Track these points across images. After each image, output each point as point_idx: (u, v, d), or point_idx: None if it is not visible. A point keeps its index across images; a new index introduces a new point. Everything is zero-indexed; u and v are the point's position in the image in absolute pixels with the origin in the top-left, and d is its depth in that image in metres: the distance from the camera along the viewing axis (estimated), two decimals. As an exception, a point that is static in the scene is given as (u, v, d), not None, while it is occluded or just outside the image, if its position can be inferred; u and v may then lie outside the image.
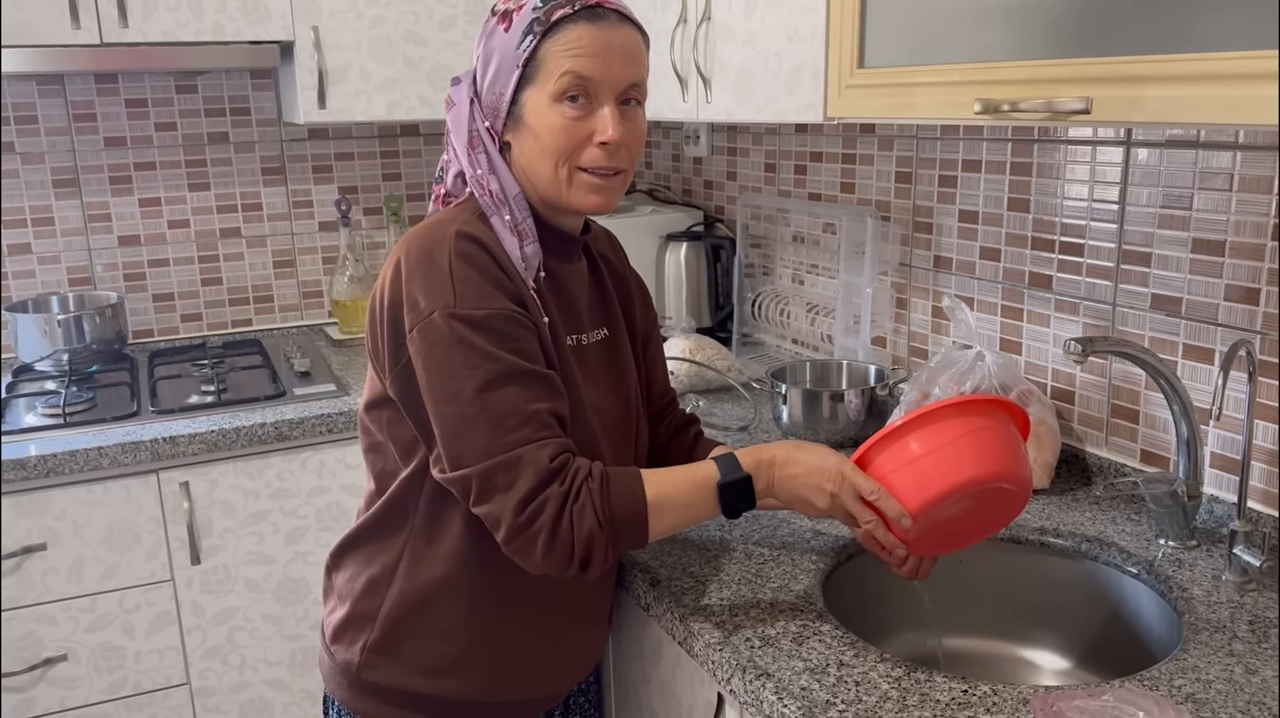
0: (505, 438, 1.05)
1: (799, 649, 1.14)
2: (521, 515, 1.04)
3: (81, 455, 1.87)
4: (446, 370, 1.06)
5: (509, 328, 1.08)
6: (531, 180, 1.16)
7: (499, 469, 1.05)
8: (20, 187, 2.39)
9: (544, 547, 1.05)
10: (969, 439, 1.10)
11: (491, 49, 1.13)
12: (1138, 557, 1.34)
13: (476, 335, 1.06)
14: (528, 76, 1.11)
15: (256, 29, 2.17)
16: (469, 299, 1.07)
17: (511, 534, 1.06)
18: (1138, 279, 1.49)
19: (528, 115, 1.12)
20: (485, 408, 1.05)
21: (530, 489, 1.04)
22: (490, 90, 1.14)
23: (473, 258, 1.08)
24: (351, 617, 1.23)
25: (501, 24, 1.12)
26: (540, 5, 1.10)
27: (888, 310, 1.98)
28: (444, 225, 1.11)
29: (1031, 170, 1.63)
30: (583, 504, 1.06)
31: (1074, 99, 1.06)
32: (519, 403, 1.06)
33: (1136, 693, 0.99)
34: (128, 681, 2.00)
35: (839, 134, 2.06)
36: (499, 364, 1.06)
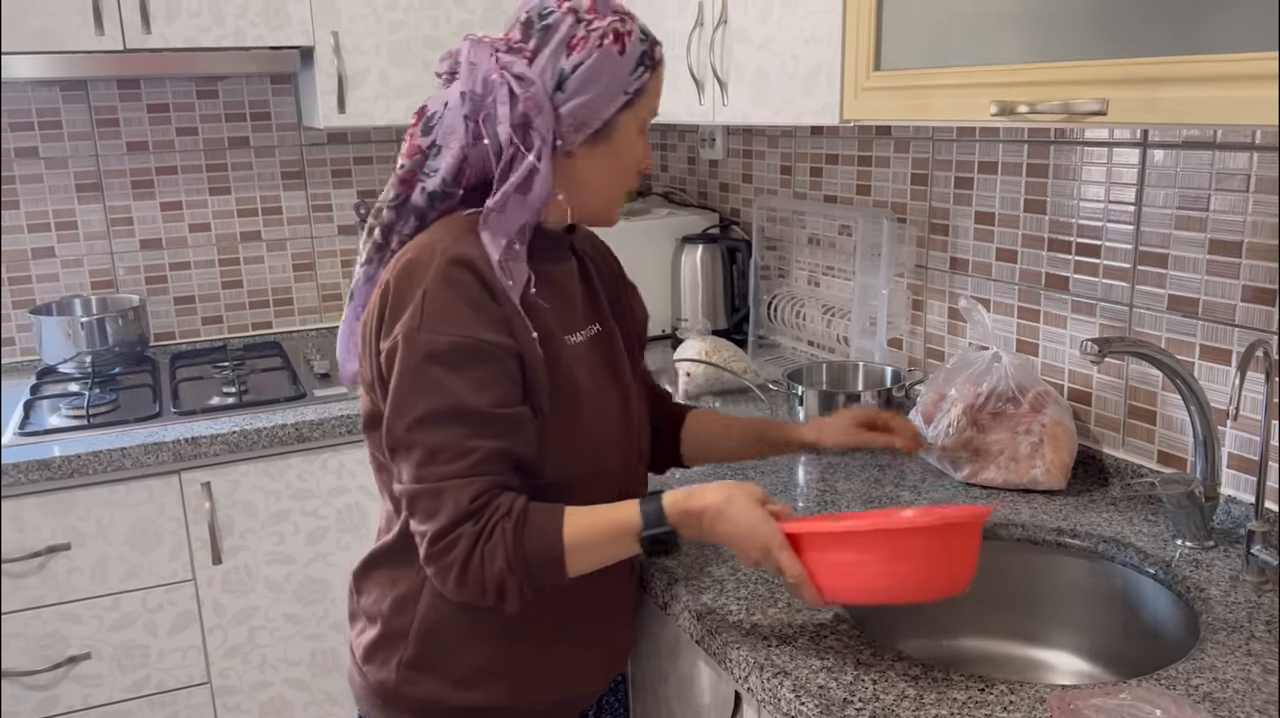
0: (434, 469, 1.08)
1: (816, 648, 1.15)
2: (437, 545, 1.08)
3: (105, 456, 1.90)
4: (399, 393, 1.09)
5: (469, 359, 1.08)
6: (587, 196, 1.19)
7: (422, 496, 1.08)
8: (44, 191, 2.42)
9: (455, 580, 1.08)
10: (891, 566, 1.07)
11: (601, 67, 1.11)
12: (1155, 557, 1.34)
13: (431, 365, 1.07)
14: (630, 103, 1.15)
15: (277, 34, 2.19)
16: (434, 324, 1.08)
17: (426, 560, 1.09)
18: (1154, 280, 1.49)
19: (618, 138, 1.16)
20: (421, 436, 1.08)
21: (445, 525, 1.07)
22: (586, 105, 1.12)
23: (454, 281, 1.09)
24: (383, 636, 1.23)
25: (616, 45, 1.12)
26: (644, 38, 1.15)
27: (904, 312, 1.99)
28: (433, 246, 1.12)
29: (1048, 172, 1.64)
30: (494, 544, 1.06)
31: (1090, 100, 1.07)
32: (456, 439, 1.07)
33: (1154, 692, 1.00)
34: (150, 679, 2.02)
35: (855, 136, 2.06)
36: (446, 399, 1.07)
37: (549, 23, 1.12)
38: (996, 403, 1.56)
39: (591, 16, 1.12)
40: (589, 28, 1.11)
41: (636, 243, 2.45)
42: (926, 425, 1.60)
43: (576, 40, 1.11)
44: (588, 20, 1.12)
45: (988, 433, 1.56)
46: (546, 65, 1.12)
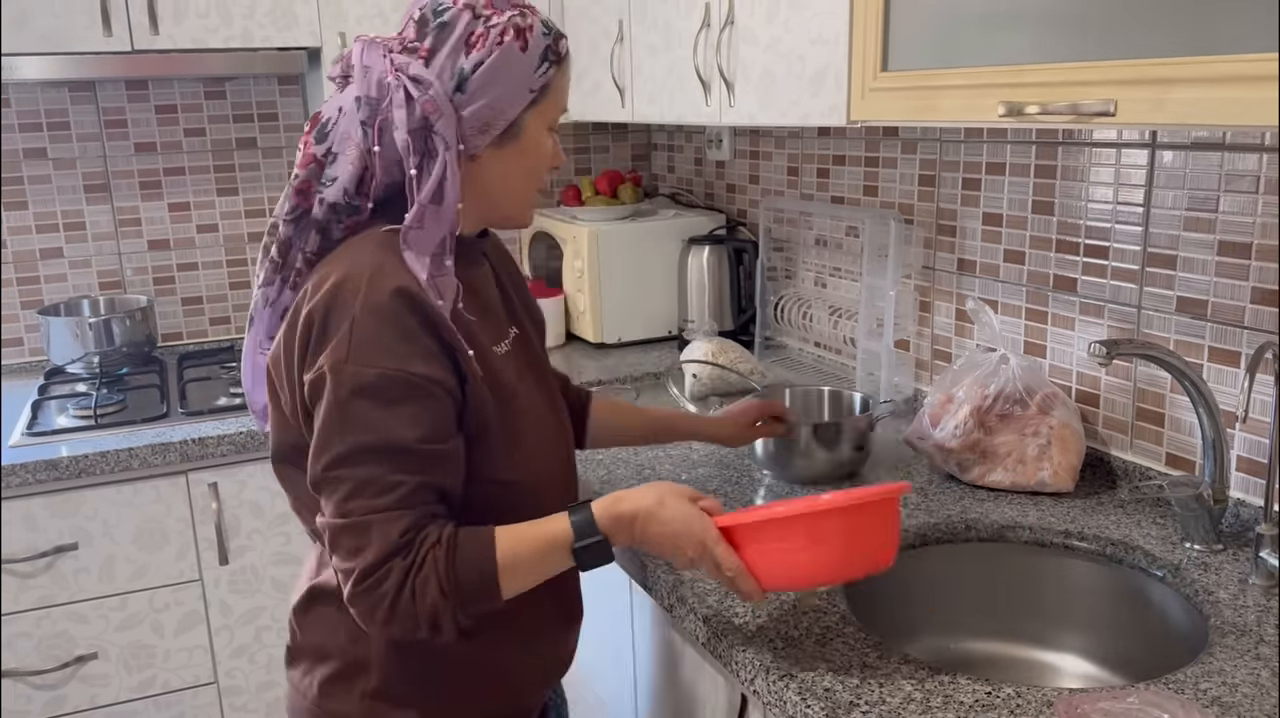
0: (359, 503, 1.02)
1: (822, 651, 1.14)
2: (363, 584, 1.02)
3: (112, 457, 1.90)
4: (325, 428, 1.03)
5: (399, 393, 1.02)
6: (498, 199, 1.14)
7: (346, 532, 1.02)
8: (52, 191, 2.43)
9: (384, 616, 1.03)
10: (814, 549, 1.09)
11: (503, 65, 1.06)
12: (1163, 560, 1.33)
13: (358, 399, 1.02)
14: (536, 101, 1.10)
15: (284, 35, 2.20)
16: (362, 356, 1.02)
17: (351, 599, 1.03)
18: (1163, 282, 1.48)
19: (526, 138, 1.12)
20: (346, 472, 1.02)
21: (373, 561, 1.01)
22: (489, 105, 1.07)
23: (384, 311, 1.03)
24: (340, 670, 1.17)
25: (517, 41, 1.07)
26: (546, 32, 1.10)
27: (911, 314, 1.98)
28: (358, 271, 1.05)
29: (1056, 173, 1.63)
30: (425, 576, 1.02)
31: (1099, 101, 1.06)
32: (382, 474, 1.02)
33: (1162, 696, 0.99)
34: (157, 679, 2.03)
35: (862, 137, 2.06)
36: (372, 435, 1.02)
37: (445, 20, 1.07)
38: (1004, 405, 1.55)
39: (489, 12, 1.07)
40: (488, 24, 1.06)
41: (643, 244, 2.45)
42: (934, 427, 1.59)
43: (475, 38, 1.06)
44: (486, 16, 1.07)
45: (995, 435, 1.55)
46: (445, 66, 1.06)
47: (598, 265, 2.40)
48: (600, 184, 2.59)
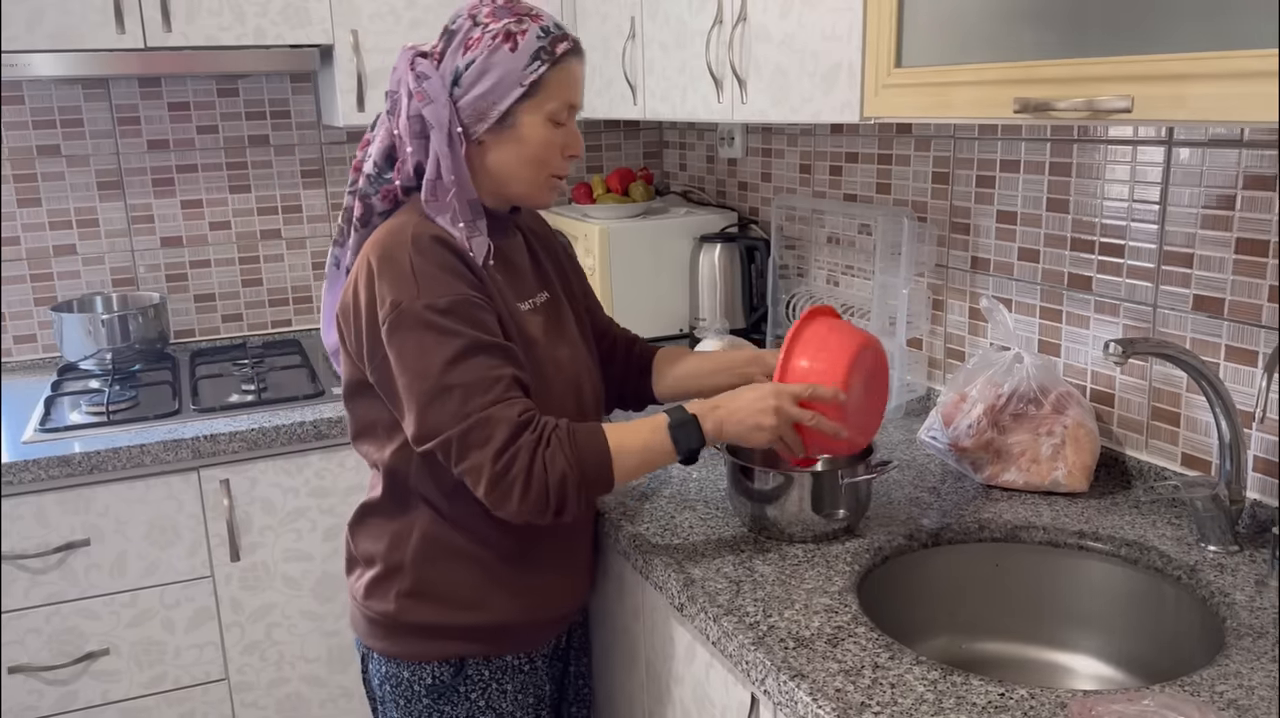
0: (476, 401, 1.19)
1: (833, 651, 1.14)
2: (498, 464, 1.18)
3: (124, 453, 1.90)
4: (418, 352, 1.20)
5: (469, 310, 1.22)
6: (503, 179, 1.32)
7: (474, 428, 1.18)
8: (66, 188, 2.43)
9: (520, 492, 1.19)
10: (831, 332, 1.37)
11: (491, 63, 1.26)
12: (1179, 561, 1.32)
13: (441, 318, 1.20)
14: (528, 95, 1.27)
15: (297, 33, 2.20)
16: (431, 289, 1.21)
17: (491, 484, 1.19)
18: (1179, 280, 1.47)
19: (522, 128, 1.29)
20: (456, 378, 1.19)
21: (505, 441, 1.18)
22: (481, 98, 1.27)
23: (430, 253, 1.23)
24: (382, 573, 1.37)
25: (506, 43, 1.26)
26: (543, 35, 1.27)
27: (924, 312, 1.97)
28: (401, 229, 1.26)
29: (1071, 170, 1.62)
30: (553, 450, 1.19)
31: (1115, 98, 1.05)
32: (485, 371, 1.20)
33: (1178, 698, 0.98)
34: (168, 675, 2.03)
35: (875, 134, 2.05)
36: (464, 339, 1.20)
37: (454, 28, 1.29)
38: (1018, 404, 1.54)
39: (488, 20, 1.27)
40: (485, 29, 1.27)
41: (654, 242, 2.44)
42: (947, 426, 1.58)
43: (472, 41, 1.27)
44: (485, 24, 1.27)
45: (1009, 434, 1.54)
46: (447, 64, 1.28)
47: (609, 263, 2.40)
48: (611, 182, 2.59)
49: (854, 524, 1.42)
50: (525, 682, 1.42)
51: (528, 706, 1.43)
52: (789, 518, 1.38)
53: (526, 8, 1.30)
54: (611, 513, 1.52)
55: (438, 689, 1.38)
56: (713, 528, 1.46)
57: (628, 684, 1.60)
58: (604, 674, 1.69)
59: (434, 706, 1.38)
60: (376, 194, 1.34)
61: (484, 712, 1.40)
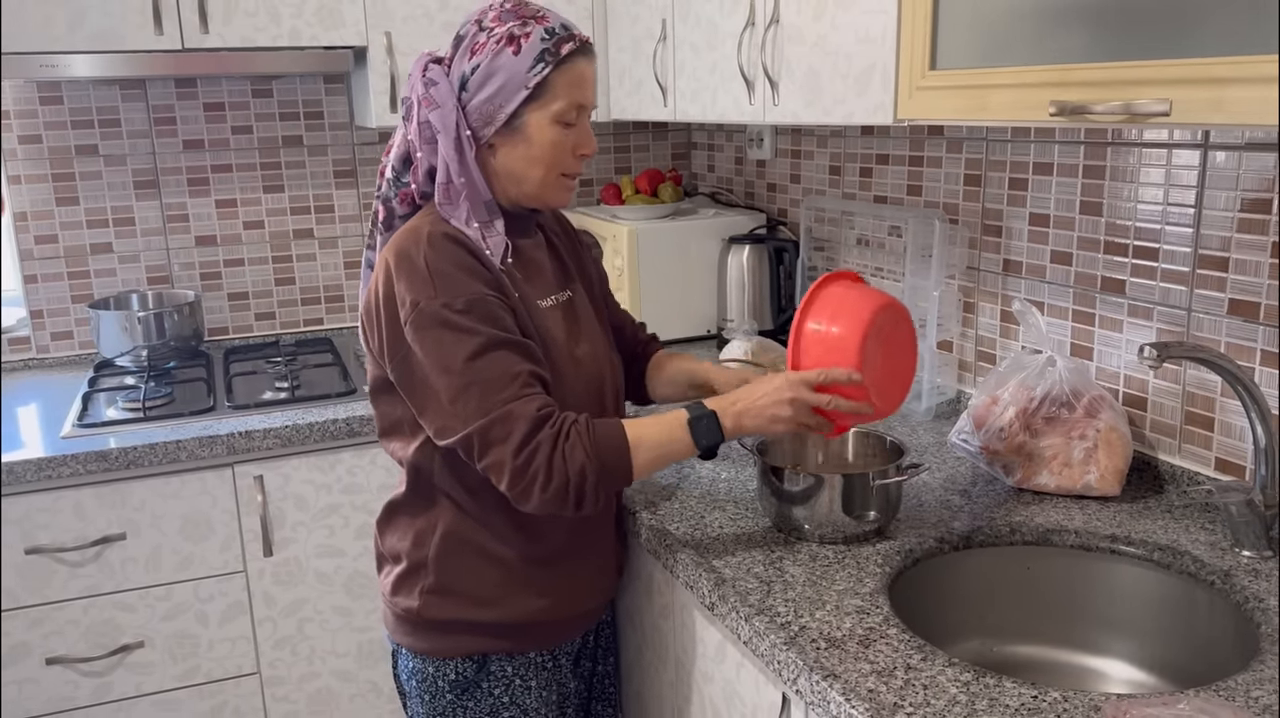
0: (496, 397, 1.22)
1: (865, 652, 1.14)
2: (519, 458, 1.21)
3: (160, 449, 1.93)
4: (439, 350, 1.23)
5: (486, 308, 1.25)
6: (514, 181, 1.34)
7: (494, 424, 1.21)
8: (103, 188, 2.47)
9: (541, 485, 1.21)
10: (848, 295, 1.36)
11: (496, 67, 1.28)
12: (1212, 567, 1.31)
13: (459, 317, 1.23)
14: (534, 97, 1.29)
15: (331, 35, 2.22)
16: (447, 288, 1.24)
17: (513, 478, 1.22)
18: (1214, 284, 1.46)
19: (529, 129, 1.31)
20: (476, 374, 1.22)
21: (525, 435, 1.21)
22: (488, 102, 1.29)
23: (445, 252, 1.26)
24: (407, 570, 1.40)
25: (510, 47, 1.28)
26: (547, 37, 1.28)
27: (955, 314, 1.96)
28: (417, 230, 1.30)
29: (1104, 173, 1.61)
30: (572, 443, 1.22)
31: (1153, 101, 1.05)
32: (504, 367, 1.23)
33: (1214, 703, 0.98)
34: (200, 668, 2.06)
35: (906, 136, 2.04)
36: (482, 337, 1.23)
37: (460, 34, 1.32)
38: (1050, 407, 1.54)
39: (493, 24, 1.29)
40: (489, 34, 1.29)
41: (682, 242, 2.44)
42: (978, 429, 1.58)
43: (477, 46, 1.29)
44: (490, 28, 1.29)
45: (1041, 438, 1.54)
46: (455, 69, 1.31)
47: (637, 264, 2.41)
48: (640, 183, 2.59)
49: (885, 526, 1.43)
50: (549, 679, 1.44)
51: (551, 702, 1.46)
52: (819, 519, 1.39)
53: (533, 10, 1.31)
54: (641, 512, 1.52)
55: (461, 685, 1.40)
56: (742, 528, 1.46)
57: (656, 683, 1.61)
58: (632, 672, 1.70)
59: (458, 701, 1.41)
60: (395, 197, 1.38)
61: (507, 708, 1.42)
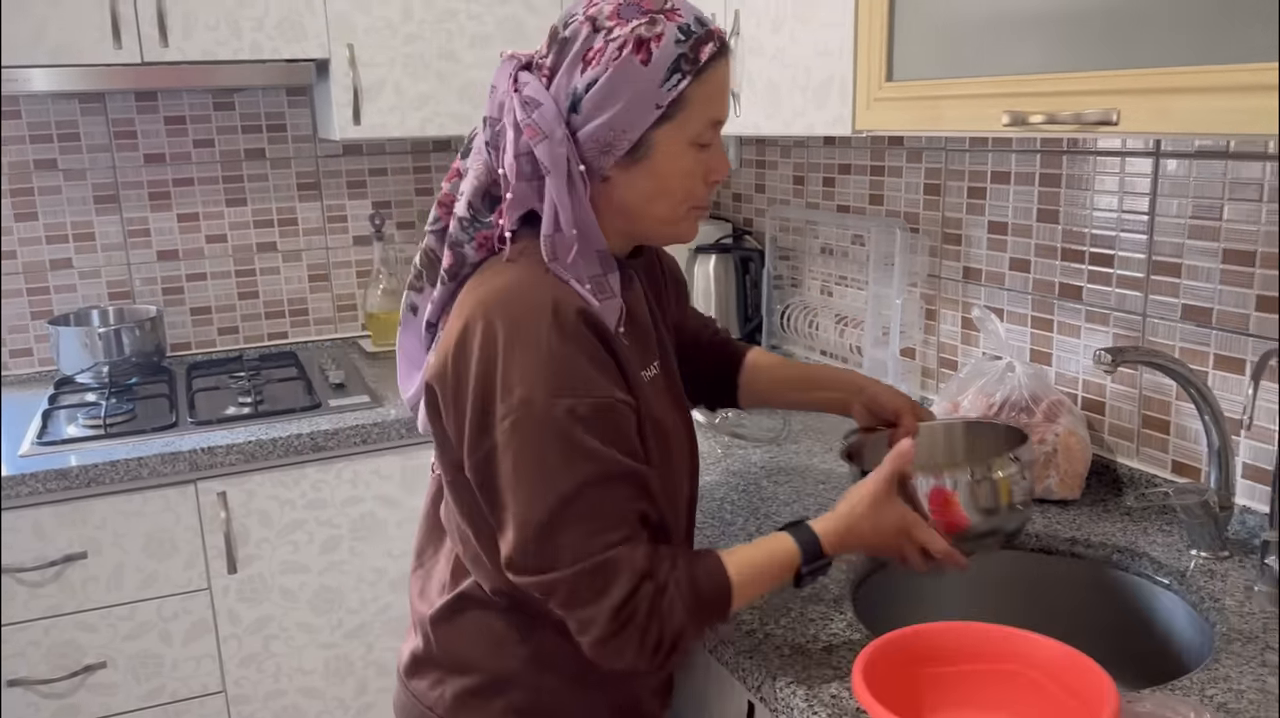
0: (599, 539, 0.98)
1: (829, 657, 1.15)
2: (616, 620, 0.98)
3: (121, 466, 1.91)
4: (542, 466, 0.98)
5: (612, 419, 1.00)
6: (630, 218, 1.08)
7: (592, 573, 0.98)
8: (62, 202, 2.44)
9: (635, 649, 1.00)
10: None
11: (620, 82, 0.99)
12: (1169, 567, 1.33)
13: (580, 431, 0.97)
14: (667, 116, 1.02)
15: (293, 47, 2.21)
16: (573, 387, 0.98)
17: (602, 639, 0.99)
18: (1168, 290, 1.49)
19: (657, 156, 1.03)
20: (580, 509, 0.98)
21: (626, 594, 0.98)
22: (607, 125, 1.01)
23: (576, 336, 0.99)
24: (485, 683, 1.14)
25: (638, 55, 0.99)
26: (683, 38, 1.00)
27: (917, 322, 1.99)
28: (534, 293, 1.01)
29: (1060, 181, 1.64)
30: (670, 601, 1.00)
31: (1101, 110, 1.07)
32: (615, 504, 1.00)
33: (1174, 699, 1.00)
34: (165, 688, 2.03)
35: (867, 146, 2.07)
36: (601, 464, 0.98)
37: (567, 34, 1.02)
38: (1010, 413, 1.55)
39: (612, 23, 1.00)
40: (607, 37, 1.00)
41: (649, 253, 2.45)
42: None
43: (592, 54, 1.00)
44: (607, 29, 1.00)
45: (1001, 443, 1.55)
46: (561, 84, 1.02)
47: (604, 275, 2.41)
48: (606, 194, 2.60)
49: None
50: None
51: None
52: None
53: (659, 1, 1.02)
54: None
55: None
56: (709, 538, 1.47)
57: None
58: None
59: None
60: (471, 242, 1.09)
61: None
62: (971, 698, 1.04)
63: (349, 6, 2.23)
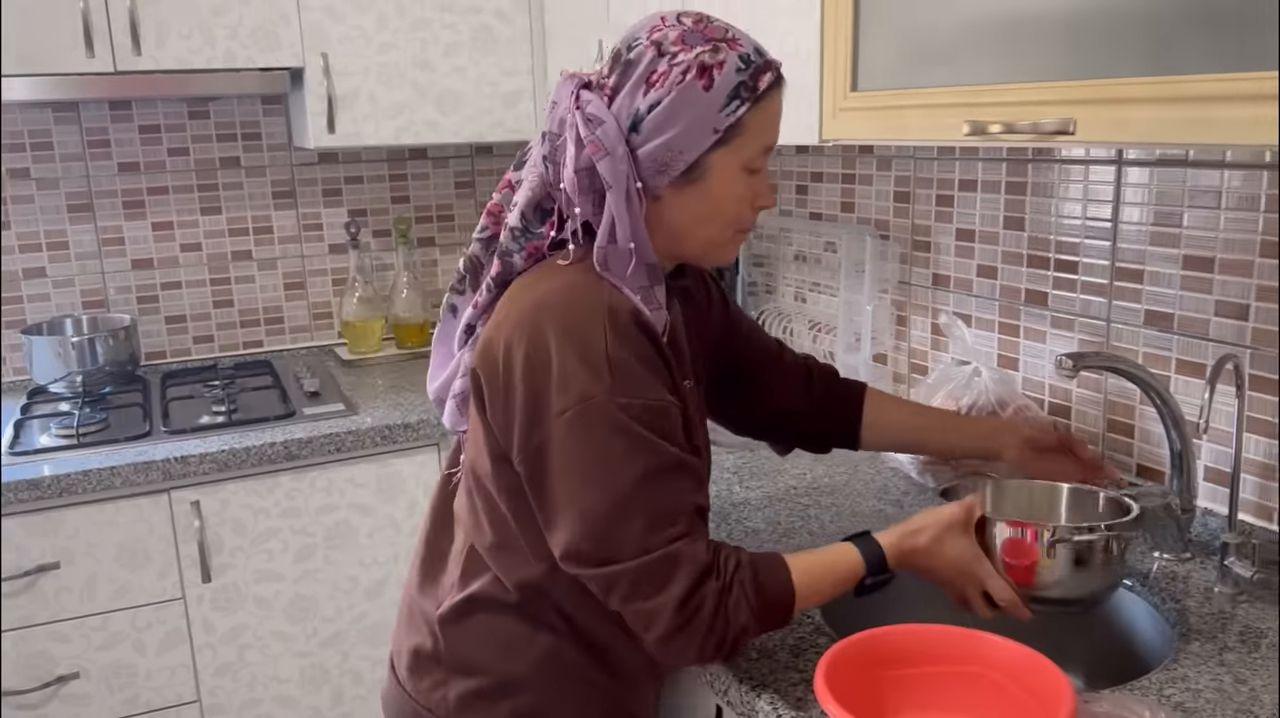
0: (663, 532, 1.00)
1: (795, 661, 1.16)
2: (682, 614, 1.00)
3: (94, 475, 1.91)
4: (603, 459, 1.00)
5: (666, 417, 1.03)
6: (677, 238, 1.12)
7: (655, 566, 1.00)
8: (36, 211, 2.44)
9: (699, 646, 1.01)
10: None
11: (682, 105, 1.03)
12: (1132, 569, 1.35)
13: (637, 424, 1.00)
14: (723, 141, 1.06)
15: (267, 56, 2.22)
16: (628, 386, 1.01)
17: (667, 635, 1.01)
18: (1131, 295, 1.51)
19: (710, 179, 1.08)
20: (644, 500, 1.00)
21: (689, 587, 1.00)
22: (666, 146, 1.05)
23: (630, 339, 1.03)
24: (492, 685, 1.14)
25: (701, 80, 1.03)
26: (743, 67, 1.05)
27: (888, 327, 2.01)
28: (589, 297, 1.05)
29: (1026, 189, 1.66)
30: (736, 599, 1.02)
31: (1058, 120, 1.09)
32: (675, 497, 1.02)
33: (1131, 699, 1.01)
34: (139, 698, 2.03)
35: (839, 154, 2.09)
36: (661, 456, 1.01)
37: (631, 57, 1.06)
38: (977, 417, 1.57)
39: (677, 49, 1.04)
40: (671, 62, 1.04)
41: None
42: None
43: (656, 77, 1.04)
44: (671, 53, 1.04)
45: (968, 447, 1.57)
46: (623, 104, 1.05)
47: (579, 282, 2.42)
48: (582, 202, 2.61)
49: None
50: None
51: None
52: None
53: (721, 30, 1.07)
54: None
55: None
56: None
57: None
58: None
59: None
60: (520, 251, 1.13)
61: None
62: (934, 700, 1.05)
63: (323, 16, 2.24)
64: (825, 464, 1.77)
